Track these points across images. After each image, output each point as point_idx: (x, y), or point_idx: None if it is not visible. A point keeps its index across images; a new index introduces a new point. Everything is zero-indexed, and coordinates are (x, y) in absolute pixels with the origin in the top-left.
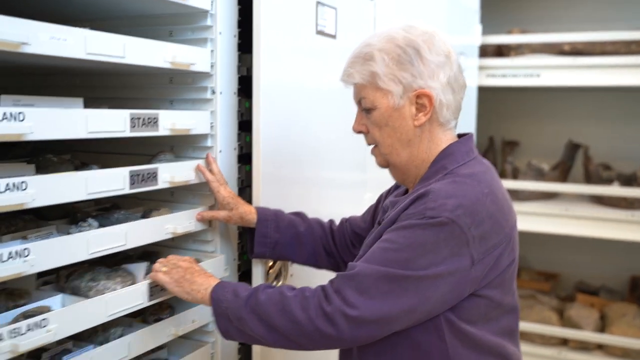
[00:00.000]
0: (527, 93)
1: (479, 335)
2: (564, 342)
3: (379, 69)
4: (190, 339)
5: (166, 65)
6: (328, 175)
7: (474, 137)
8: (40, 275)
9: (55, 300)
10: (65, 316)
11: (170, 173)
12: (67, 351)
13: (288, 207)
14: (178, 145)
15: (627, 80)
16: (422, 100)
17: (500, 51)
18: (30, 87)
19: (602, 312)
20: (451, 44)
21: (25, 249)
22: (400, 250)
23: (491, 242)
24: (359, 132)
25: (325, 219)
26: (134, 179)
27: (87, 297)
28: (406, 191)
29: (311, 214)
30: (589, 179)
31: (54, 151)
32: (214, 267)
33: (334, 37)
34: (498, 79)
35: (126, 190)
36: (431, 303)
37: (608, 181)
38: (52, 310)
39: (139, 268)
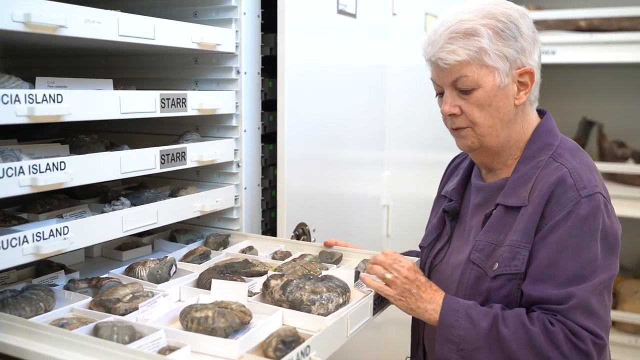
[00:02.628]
0: (542, 70)
1: None
2: None
3: (487, 45)
4: None
5: (194, 46)
6: (348, 153)
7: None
8: None
9: (277, 317)
10: (322, 340)
11: (199, 152)
12: None
13: (310, 184)
14: (203, 125)
15: None
16: (524, 78)
17: None
18: (56, 68)
19: (614, 289)
20: None
21: (65, 226)
22: (588, 250)
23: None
24: (452, 114)
25: (346, 198)
26: (164, 158)
27: (309, 311)
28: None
29: (332, 191)
30: (603, 156)
31: (82, 131)
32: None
33: (354, 16)
34: None
35: (157, 169)
36: None
37: (622, 159)
38: (300, 333)
39: (348, 276)
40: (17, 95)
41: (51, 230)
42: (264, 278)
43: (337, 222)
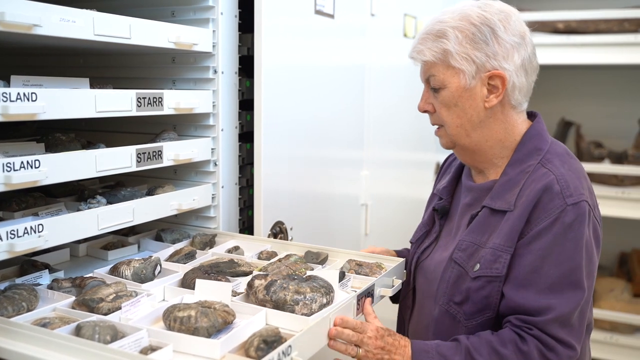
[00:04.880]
0: None
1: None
2: None
3: (452, 47)
4: None
5: (170, 45)
6: (326, 152)
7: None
8: None
9: (260, 317)
10: (304, 340)
11: (175, 151)
12: None
13: (287, 183)
14: (180, 124)
15: (620, 58)
16: (494, 82)
17: None
18: (34, 67)
19: None
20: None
21: (39, 224)
22: (572, 258)
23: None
24: (425, 111)
25: (324, 197)
26: (140, 157)
27: (292, 311)
28: (464, 171)
29: (310, 190)
30: (580, 156)
31: (58, 130)
32: (397, 270)
33: (332, 16)
34: None
35: (133, 168)
36: None
37: (599, 159)
38: (282, 332)
39: (332, 276)
40: None
41: (25, 228)
42: (249, 278)
43: (315, 221)
